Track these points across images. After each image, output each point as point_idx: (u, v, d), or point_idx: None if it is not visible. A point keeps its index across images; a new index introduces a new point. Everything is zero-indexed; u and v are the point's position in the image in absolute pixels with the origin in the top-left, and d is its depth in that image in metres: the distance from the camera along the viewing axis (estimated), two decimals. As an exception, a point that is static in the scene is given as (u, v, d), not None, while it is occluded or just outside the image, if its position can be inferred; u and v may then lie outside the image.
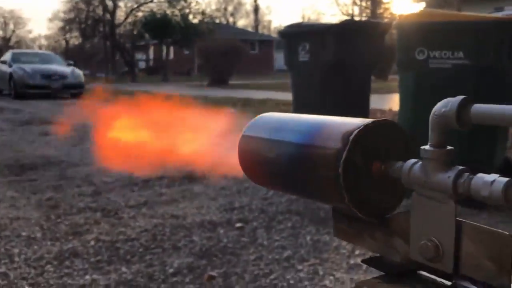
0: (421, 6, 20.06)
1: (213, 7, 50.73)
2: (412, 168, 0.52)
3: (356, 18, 33.92)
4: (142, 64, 40.73)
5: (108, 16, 35.50)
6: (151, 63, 40.90)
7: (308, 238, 2.77)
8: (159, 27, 28.45)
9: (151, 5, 32.84)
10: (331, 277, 2.27)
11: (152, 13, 29.98)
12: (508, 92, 3.58)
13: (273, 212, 3.26)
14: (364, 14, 40.24)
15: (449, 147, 0.51)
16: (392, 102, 11.46)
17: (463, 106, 0.49)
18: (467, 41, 3.21)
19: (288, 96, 14.97)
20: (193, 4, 30.74)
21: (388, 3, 38.73)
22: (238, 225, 3.03)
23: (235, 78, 24.30)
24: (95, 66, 37.71)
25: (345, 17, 38.17)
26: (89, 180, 4.21)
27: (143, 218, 3.19)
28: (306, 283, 2.21)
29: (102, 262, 2.48)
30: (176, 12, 29.75)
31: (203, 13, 32.95)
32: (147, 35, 31.59)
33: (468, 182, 0.48)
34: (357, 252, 2.56)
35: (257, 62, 38.75)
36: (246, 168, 0.66)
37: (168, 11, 29.89)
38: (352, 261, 2.44)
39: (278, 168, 0.59)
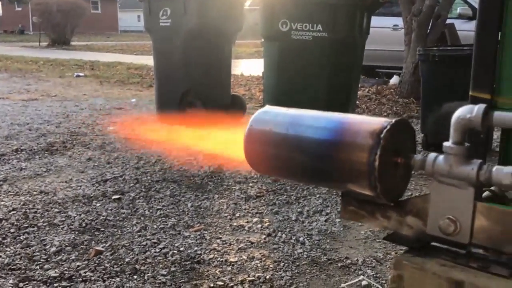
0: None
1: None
2: (435, 161, 0.63)
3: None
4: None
5: None
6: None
7: (189, 204, 2.85)
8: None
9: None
10: (218, 240, 2.40)
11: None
12: (358, 61, 4.01)
13: (149, 181, 3.26)
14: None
15: (467, 144, 0.63)
16: (241, 67, 11.85)
17: (486, 113, 0.61)
18: (325, 16, 3.50)
19: (136, 58, 14.45)
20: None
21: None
22: (115, 197, 2.98)
23: (77, 38, 22.69)
24: None
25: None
26: None
27: (6, 196, 2.95)
28: (196, 248, 2.31)
29: (-30, 248, 2.28)
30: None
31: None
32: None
33: (489, 173, 0.60)
34: (237, 214, 2.72)
35: (100, 22, 36.58)
36: (255, 160, 0.68)
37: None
38: (234, 223, 2.59)
39: (299, 162, 0.63)
